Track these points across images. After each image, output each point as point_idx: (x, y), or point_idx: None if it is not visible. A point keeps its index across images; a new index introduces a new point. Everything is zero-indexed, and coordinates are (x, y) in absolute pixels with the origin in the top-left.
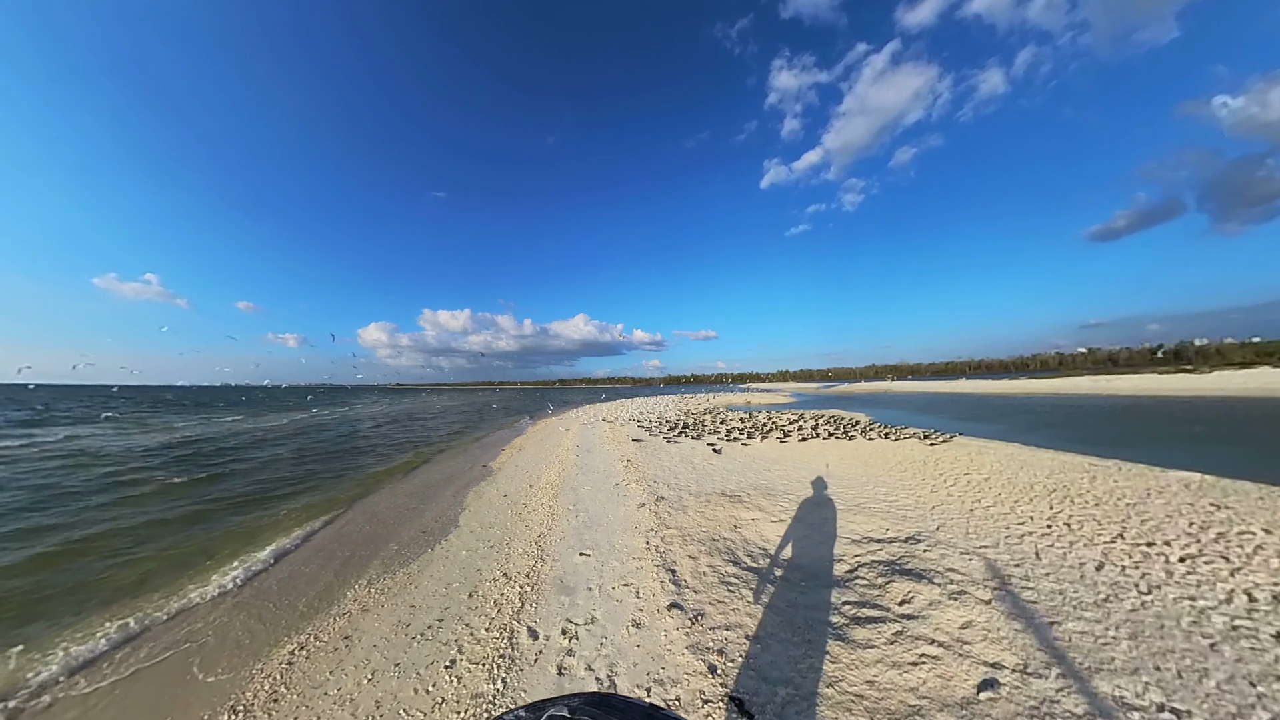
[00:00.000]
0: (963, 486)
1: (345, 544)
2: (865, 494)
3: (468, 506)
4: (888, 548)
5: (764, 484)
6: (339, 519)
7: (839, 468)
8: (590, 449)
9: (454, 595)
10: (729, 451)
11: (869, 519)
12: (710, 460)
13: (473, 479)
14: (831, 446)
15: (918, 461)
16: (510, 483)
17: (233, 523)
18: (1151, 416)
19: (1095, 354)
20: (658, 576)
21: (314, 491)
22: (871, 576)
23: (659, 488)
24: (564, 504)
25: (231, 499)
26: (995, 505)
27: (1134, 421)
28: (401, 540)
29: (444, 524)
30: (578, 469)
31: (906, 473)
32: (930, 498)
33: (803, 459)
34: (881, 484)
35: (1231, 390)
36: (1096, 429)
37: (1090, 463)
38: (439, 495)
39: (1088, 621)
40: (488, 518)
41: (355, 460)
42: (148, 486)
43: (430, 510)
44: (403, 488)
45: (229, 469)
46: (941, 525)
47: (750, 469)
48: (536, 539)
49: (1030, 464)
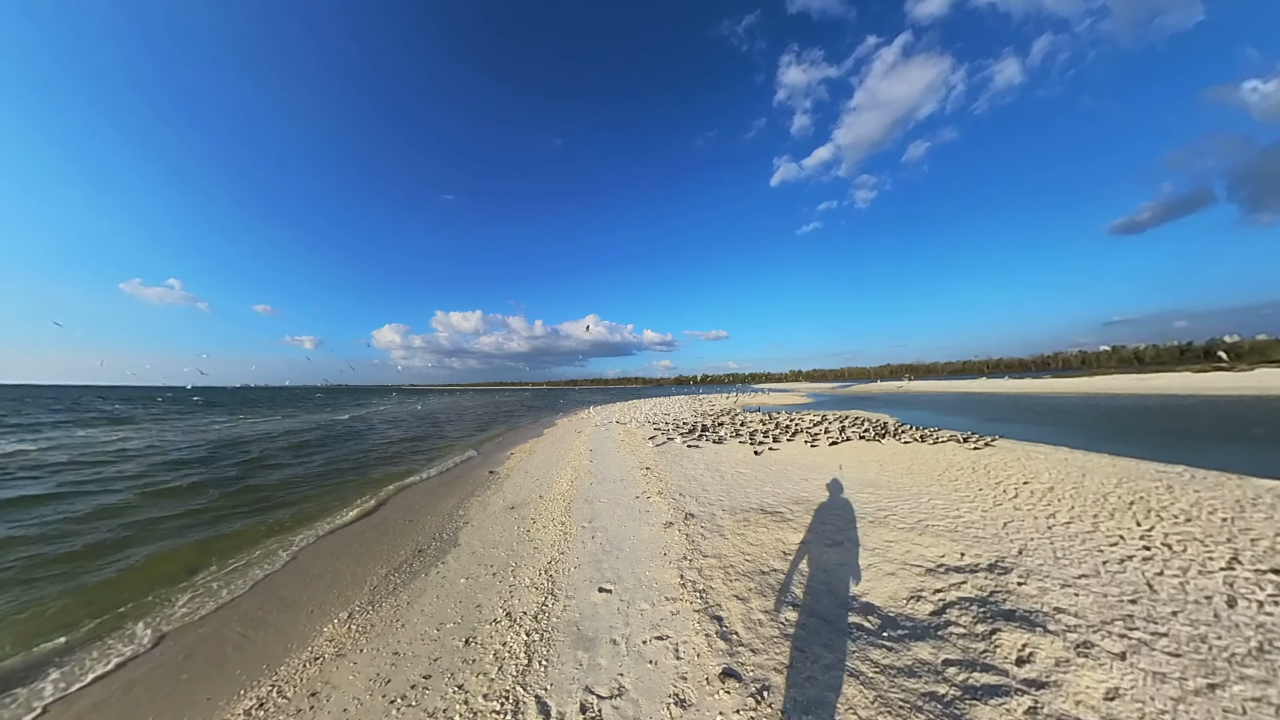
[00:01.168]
0: (1027, 498)
1: (331, 564)
2: (922, 508)
3: (470, 520)
4: (972, 579)
5: (805, 496)
6: (329, 535)
7: (881, 475)
8: (604, 453)
9: (447, 641)
10: (756, 458)
11: (936, 540)
12: (739, 468)
13: (477, 485)
14: (866, 450)
15: (966, 468)
16: (518, 492)
17: (223, 531)
18: (1200, 417)
19: (1120, 352)
20: (700, 626)
21: (311, 501)
22: (967, 621)
23: (686, 502)
24: (578, 520)
25: (218, 510)
26: (1074, 521)
27: (1182, 422)
28: (394, 562)
29: (442, 542)
30: (592, 477)
31: (958, 481)
32: (996, 512)
33: (838, 465)
34: (935, 495)
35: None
36: (1144, 430)
37: (1157, 469)
38: (439, 505)
39: (1254, 683)
40: (492, 535)
41: (359, 465)
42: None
43: (429, 524)
44: (401, 499)
45: (225, 473)
46: (1023, 548)
47: (784, 478)
48: (546, 566)
49: (1091, 470)
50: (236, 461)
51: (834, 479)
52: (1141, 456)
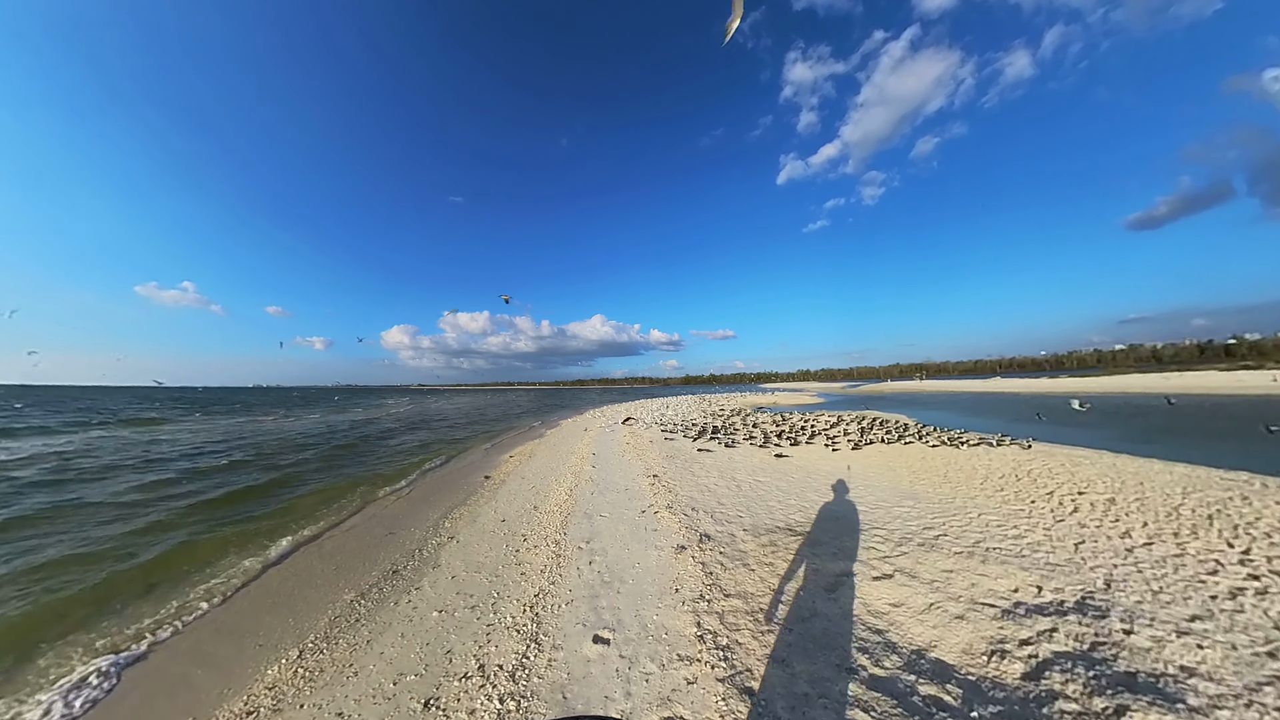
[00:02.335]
0: (1088, 512)
1: (296, 585)
2: (973, 526)
3: (457, 534)
4: (1062, 624)
5: (835, 511)
6: (304, 547)
7: (917, 484)
8: (608, 458)
9: (403, 701)
10: (774, 464)
11: (1003, 569)
12: (757, 476)
13: (470, 492)
14: (892, 455)
15: (1008, 475)
16: (512, 502)
17: (202, 535)
18: (1238, 417)
19: (1137, 350)
20: (728, 706)
21: (292, 509)
22: (1077, 690)
23: (700, 518)
24: (574, 539)
25: (187, 518)
26: (1154, 542)
27: (1220, 422)
28: (363, 585)
29: (420, 562)
30: (593, 486)
31: (1005, 491)
32: (1061, 530)
33: (866, 472)
34: (983, 509)
35: None
36: (1183, 431)
37: (1221, 476)
38: (426, 515)
39: None
40: (476, 555)
41: (352, 468)
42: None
43: (410, 538)
44: (386, 507)
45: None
46: (1109, 579)
47: (809, 487)
48: (534, 600)
49: (1148, 478)
50: (223, 464)
51: (865, 488)
52: (1192, 461)
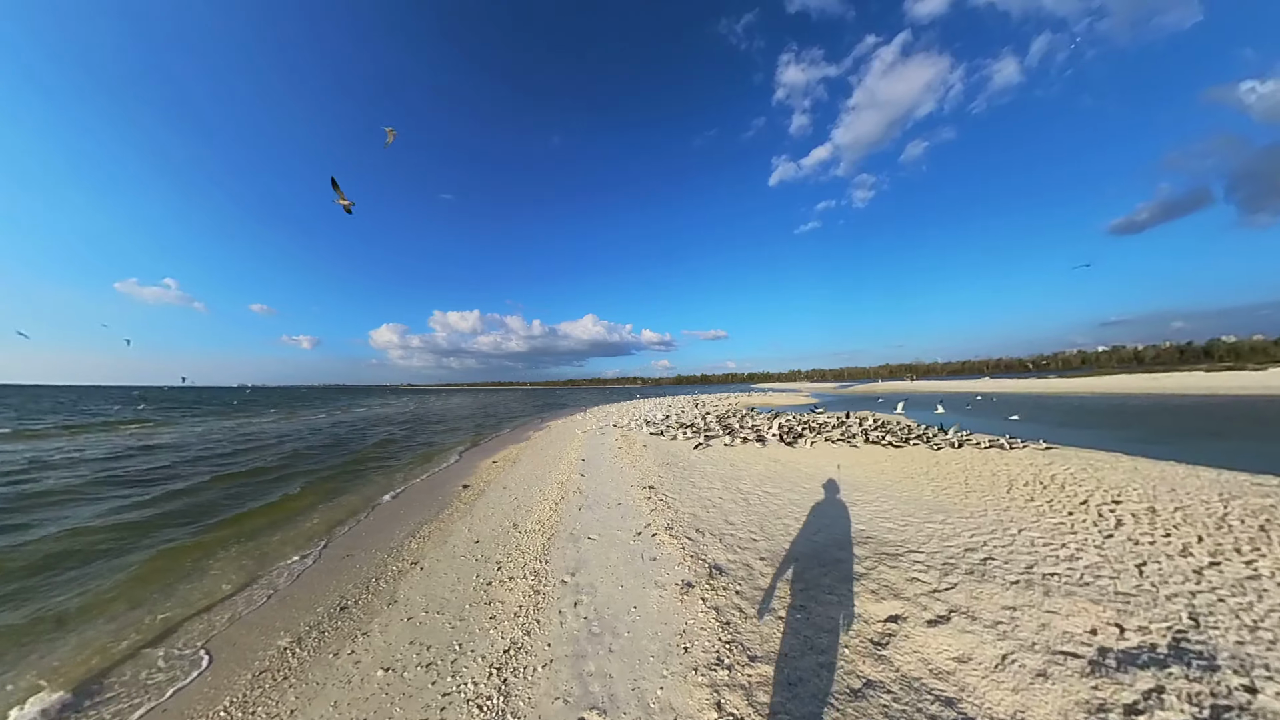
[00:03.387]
0: (1133, 525)
1: (226, 626)
2: (1019, 546)
3: (423, 559)
4: (1168, 680)
5: (861, 529)
6: (250, 583)
7: (940, 494)
8: (599, 465)
9: None
10: (779, 470)
11: (1072, 602)
12: (765, 486)
13: (444, 504)
14: (904, 460)
15: (1031, 482)
16: (489, 517)
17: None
18: (1236, 417)
19: (1120, 352)
20: None
21: (241, 529)
22: None
23: (706, 542)
24: (557, 569)
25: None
26: (1222, 561)
27: (1219, 423)
28: (301, 628)
29: (375, 596)
30: (581, 498)
31: (1036, 501)
32: (1115, 549)
33: (883, 480)
34: (1022, 523)
35: None
36: (1188, 432)
37: (1253, 481)
38: (392, 534)
39: None
40: (440, 588)
41: (319, 475)
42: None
43: (369, 563)
44: (349, 526)
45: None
46: (1193, 610)
47: (824, 499)
48: (502, 659)
49: (1177, 483)
50: (162, 466)
51: (887, 500)
52: (1208, 463)
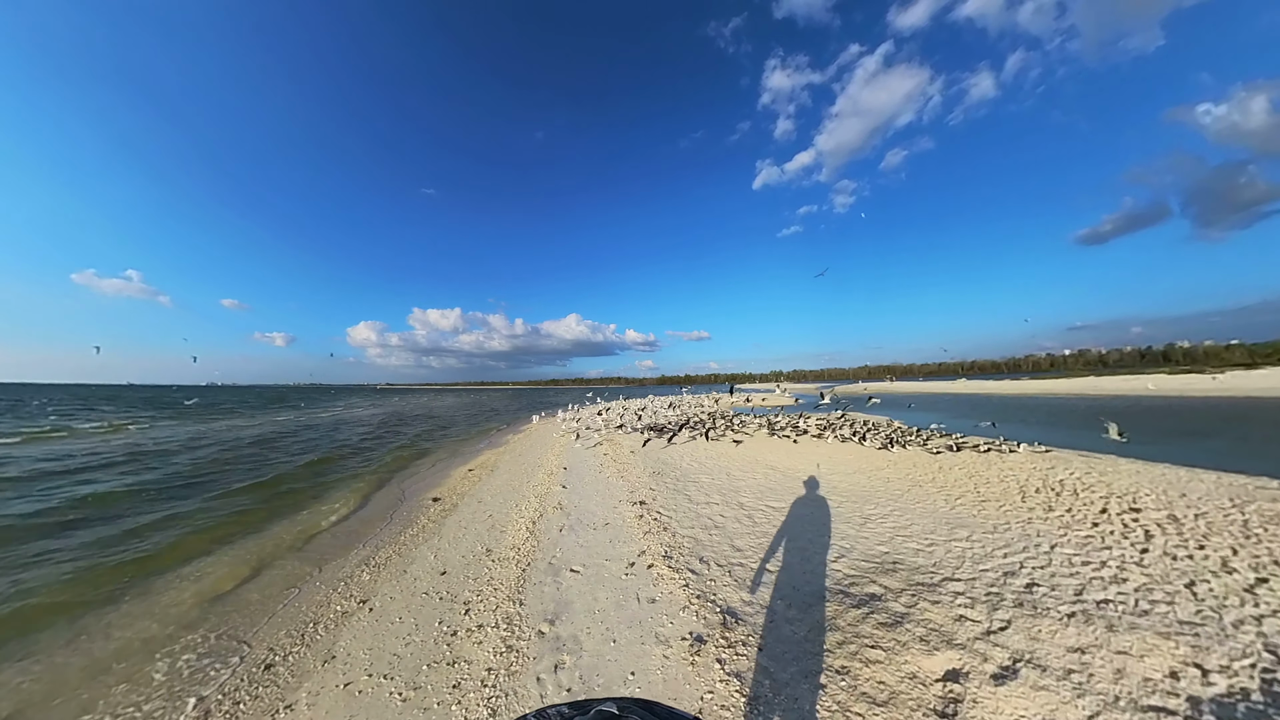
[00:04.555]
0: (1163, 537)
1: (114, 687)
2: (1060, 568)
3: (374, 596)
4: None
5: (888, 553)
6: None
7: (956, 506)
8: (582, 474)
9: None
10: (783, 482)
11: (1139, 638)
12: (768, 499)
13: (408, 521)
14: (905, 464)
15: (1043, 488)
16: (459, 540)
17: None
18: (1207, 418)
19: (1086, 355)
20: None
21: (171, 555)
22: None
23: (714, 576)
24: (535, 613)
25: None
26: (1270, 578)
27: (1196, 424)
28: (215, 692)
29: (311, 649)
30: (563, 516)
31: (1055, 510)
32: (1156, 565)
33: (890, 489)
34: (1049, 536)
35: (1261, 391)
36: (1169, 433)
37: (1257, 485)
38: (346, 558)
39: None
40: (391, 640)
41: (280, 486)
42: None
43: (311, 599)
44: (300, 544)
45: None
46: (1268, 642)
47: (834, 514)
48: None
49: (1186, 488)
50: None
51: (901, 514)
52: (1201, 465)
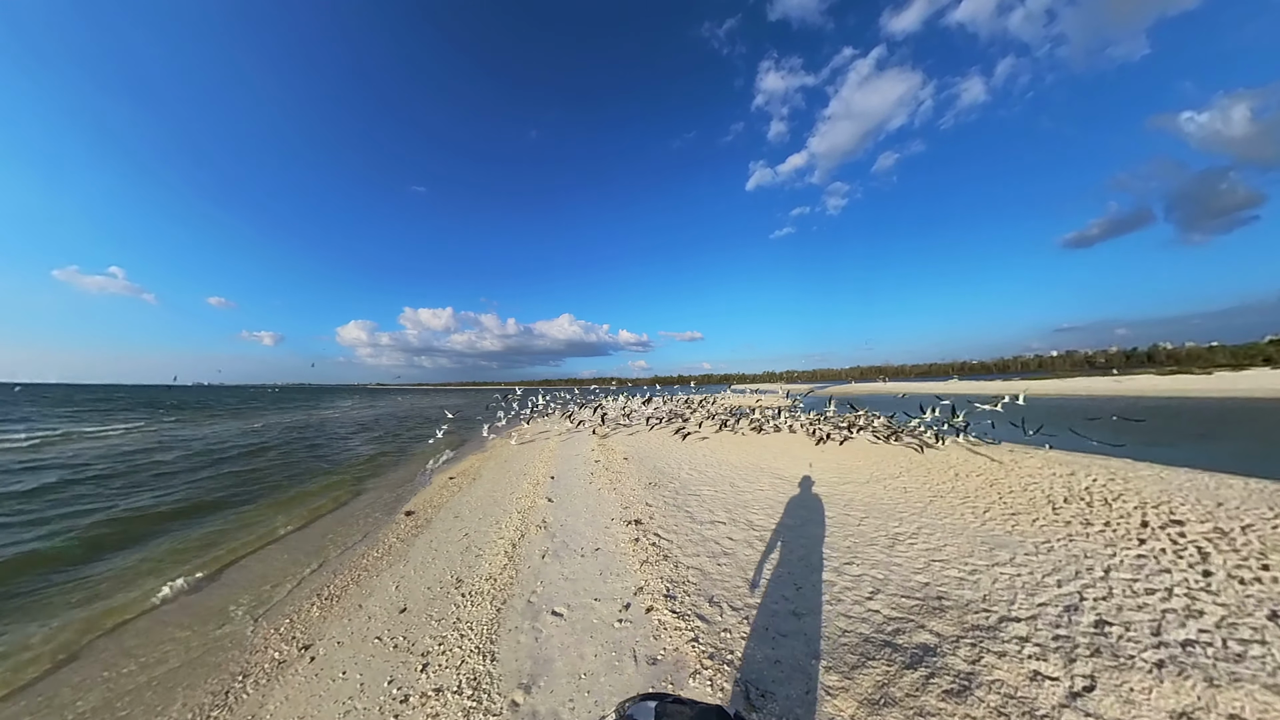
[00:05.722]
0: (1218, 554)
1: None
2: (1122, 598)
3: (317, 642)
4: None
5: (928, 584)
6: (87, 647)
7: (985, 519)
8: (571, 486)
9: None
10: (798, 494)
11: (1246, 694)
12: (780, 514)
13: (374, 540)
14: (919, 469)
15: (1070, 497)
16: (427, 567)
17: None
18: (1205, 419)
19: (1073, 356)
20: None
21: (92, 591)
22: None
23: (727, 623)
24: (508, 674)
25: None
26: None
27: (1195, 425)
28: None
29: (231, 716)
30: (547, 538)
31: (1092, 524)
32: (1233, 596)
33: (909, 500)
34: (1097, 556)
35: (1250, 391)
36: (1181, 436)
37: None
38: (292, 585)
39: None
40: (330, 709)
41: (240, 499)
42: None
43: (253, 639)
44: (244, 568)
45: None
46: None
47: (859, 536)
48: None
49: (1219, 496)
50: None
51: (931, 532)
52: (1220, 468)
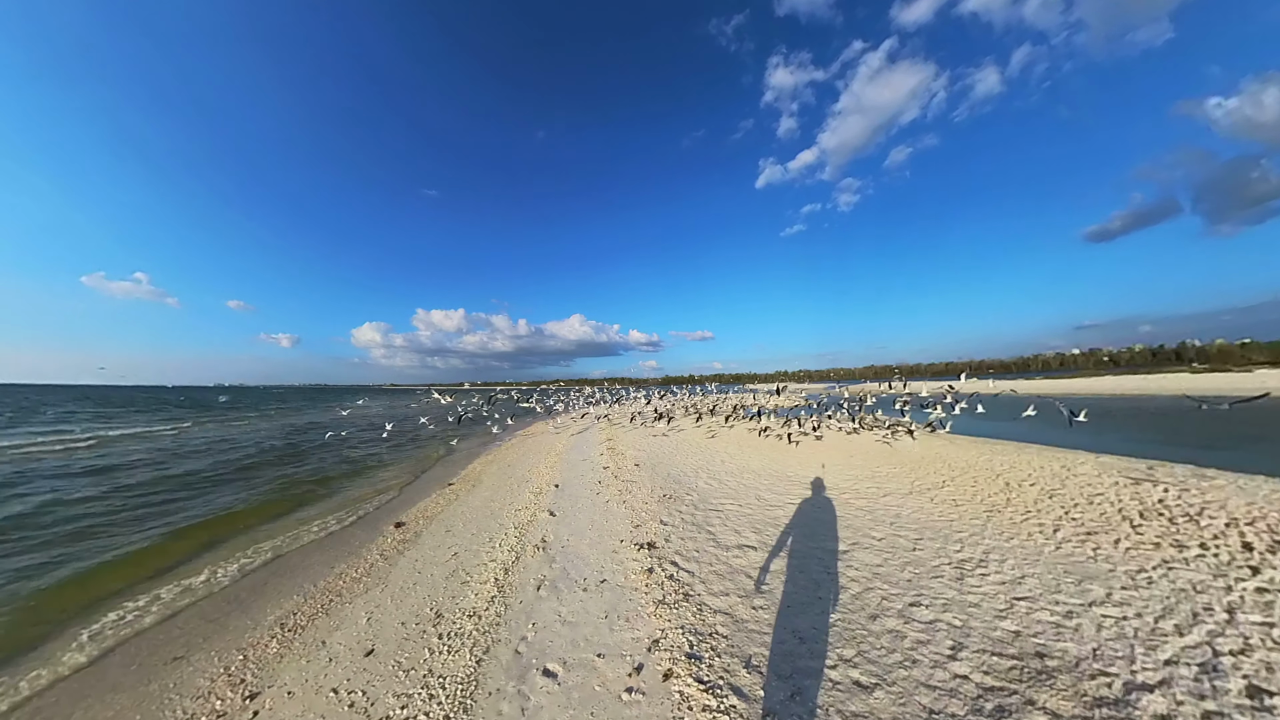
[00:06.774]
0: None
1: None
2: (1269, 653)
3: (266, 691)
4: None
5: (1015, 630)
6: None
7: (1061, 540)
8: (577, 497)
9: None
10: (822, 507)
11: None
12: (819, 538)
13: (355, 560)
14: (963, 477)
15: (1146, 512)
16: (406, 594)
17: None
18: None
19: (1096, 355)
20: None
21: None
22: None
23: (772, 708)
24: None
25: None
26: None
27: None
28: None
29: None
30: (546, 563)
31: (1190, 549)
32: None
33: (961, 513)
34: (1212, 591)
35: None
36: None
37: None
38: (259, 612)
39: None
40: None
41: (226, 507)
42: None
43: (197, 680)
44: (212, 588)
45: None
46: None
47: (921, 566)
48: None
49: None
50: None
51: (992, 554)
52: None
